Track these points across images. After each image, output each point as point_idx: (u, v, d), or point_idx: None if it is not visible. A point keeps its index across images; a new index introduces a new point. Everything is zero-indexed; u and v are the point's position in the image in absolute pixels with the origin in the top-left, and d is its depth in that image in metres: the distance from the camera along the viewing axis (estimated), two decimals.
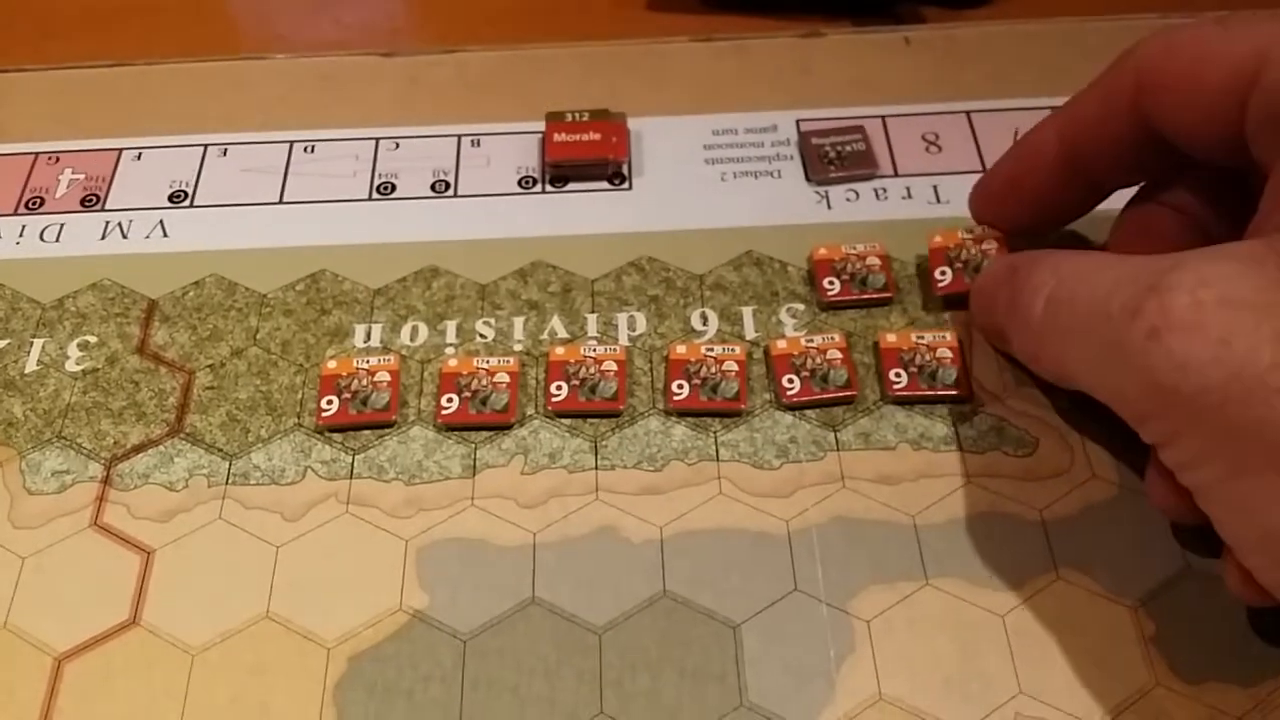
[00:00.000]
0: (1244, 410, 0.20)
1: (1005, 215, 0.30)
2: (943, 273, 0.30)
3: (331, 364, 0.29)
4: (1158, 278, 0.21)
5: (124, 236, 0.33)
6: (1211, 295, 0.20)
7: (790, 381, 0.28)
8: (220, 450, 0.28)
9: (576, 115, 0.34)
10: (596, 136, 0.34)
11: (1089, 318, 0.23)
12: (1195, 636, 0.24)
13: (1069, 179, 0.28)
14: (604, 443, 0.28)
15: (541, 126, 0.34)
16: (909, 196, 0.33)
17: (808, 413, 0.28)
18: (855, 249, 0.31)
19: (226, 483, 0.27)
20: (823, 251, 0.31)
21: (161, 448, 0.28)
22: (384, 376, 0.29)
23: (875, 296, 0.30)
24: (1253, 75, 0.23)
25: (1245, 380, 0.20)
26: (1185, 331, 0.20)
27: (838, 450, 0.27)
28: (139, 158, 0.35)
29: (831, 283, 0.30)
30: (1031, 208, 0.29)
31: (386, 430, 0.28)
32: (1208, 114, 0.24)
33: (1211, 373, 0.20)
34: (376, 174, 0.34)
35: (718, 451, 0.28)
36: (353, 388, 0.29)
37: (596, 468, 0.27)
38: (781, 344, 0.29)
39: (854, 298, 0.30)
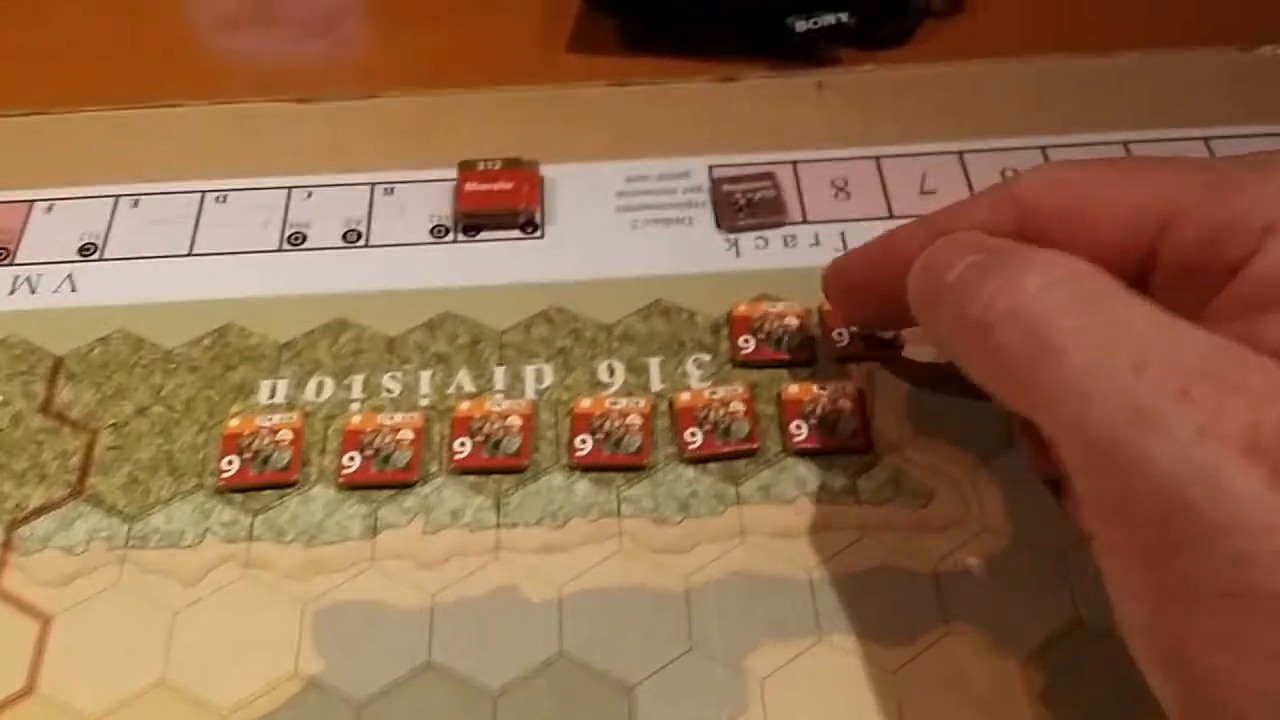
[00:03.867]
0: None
1: (856, 308, 0.29)
2: (839, 334, 0.30)
3: (234, 422, 0.29)
4: (1225, 362, 0.19)
5: (32, 291, 0.33)
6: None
7: (693, 435, 0.28)
8: (121, 513, 0.28)
9: (488, 164, 0.34)
10: (508, 186, 0.34)
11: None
12: (1083, 691, 0.24)
13: None
14: (506, 500, 0.28)
15: (455, 172, 0.35)
16: (817, 244, 0.33)
17: (710, 466, 0.28)
18: (775, 308, 0.31)
19: (126, 546, 0.27)
20: (742, 308, 0.31)
21: (63, 510, 0.28)
22: (286, 435, 0.29)
23: (790, 358, 0.30)
24: (1158, 227, 0.22)
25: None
26: (1253, 456, 0.17)
27: (738, 504, 0.28)
28: (50, 209, 0.35)
29: (747, 340, 0.30)
30: (884, 309, 0.27)
31: (288, 490, 0.28)
32: (1100, 259, 0.22)
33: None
34: (288, 224, 0.34)
35: (619, 507, 0.28)
36: (254, 447, 0.28)
37: (498, 525, 0.27)
38: (685, 396, 0.29)
39: (769, 357, 0.30)
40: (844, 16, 0.37)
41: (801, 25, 0.37)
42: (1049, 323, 0.20)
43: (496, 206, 0.33)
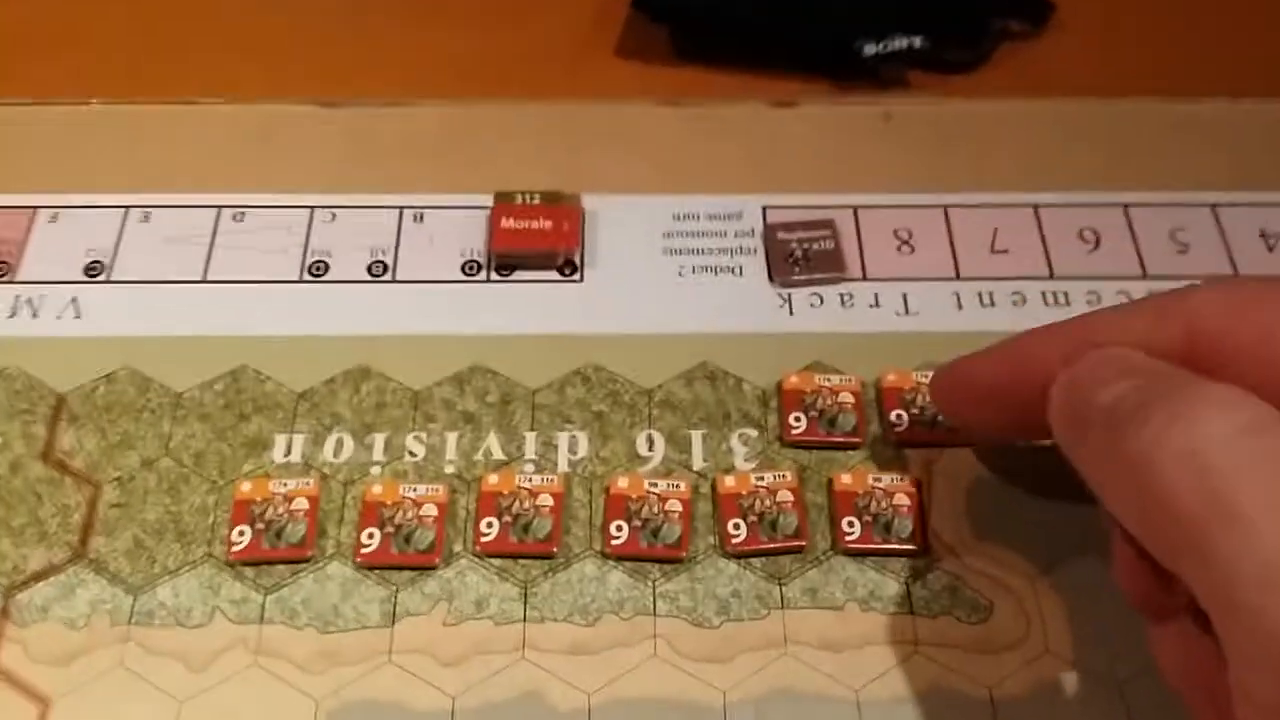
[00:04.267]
0: None
1: (977, 417, 0.25)
2: (898, 416, 0.28)
3: (246, 487, 0.27)
4: None
5: (34, 316, 0.30)
6: None
7: (736, 527, 0.26)
8: (124, 582, 0.26)
9: (527, 197, 0.32)
10: (547, 224, 0.31)
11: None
12: None
13: None
14: (534, 588, 0.26)
15: (491, 199, 0.32)
16: (876, 305, 0.30)
17: (753, 561, 0.26)
18: (829, 381, 0.29)
19: (130, 622, 0.26)
20: (793, 380, 0.29)
21: (63, 576, 0.26)
22: (301, 504, 0.27)
23: (843, 440, 0.28)
24: None
25: None
26: None
27: (782, 608, 0.26)
28: (54, 219, 0.32)
29: (798, 419, 0.28)
30: (1012, 419, 0.24)
31: (302, 566, 0.26)
32: None
33: None
34: (309, 251, 0.32)
35: (655, 604, 0.26)
36: (267, 517, 0.27)
37: (525, 619, 0.26)
38: (729, 481, 0.27)
39: (820, 439, 0.28)
40: (917, 41, 0.34)
41: (870, 49, 0.34)
42: (1232, 481, 0.17)
43: (534, 248, 0.31)
